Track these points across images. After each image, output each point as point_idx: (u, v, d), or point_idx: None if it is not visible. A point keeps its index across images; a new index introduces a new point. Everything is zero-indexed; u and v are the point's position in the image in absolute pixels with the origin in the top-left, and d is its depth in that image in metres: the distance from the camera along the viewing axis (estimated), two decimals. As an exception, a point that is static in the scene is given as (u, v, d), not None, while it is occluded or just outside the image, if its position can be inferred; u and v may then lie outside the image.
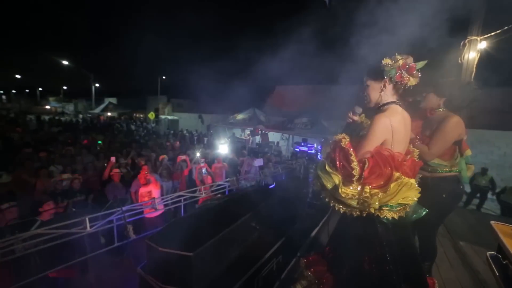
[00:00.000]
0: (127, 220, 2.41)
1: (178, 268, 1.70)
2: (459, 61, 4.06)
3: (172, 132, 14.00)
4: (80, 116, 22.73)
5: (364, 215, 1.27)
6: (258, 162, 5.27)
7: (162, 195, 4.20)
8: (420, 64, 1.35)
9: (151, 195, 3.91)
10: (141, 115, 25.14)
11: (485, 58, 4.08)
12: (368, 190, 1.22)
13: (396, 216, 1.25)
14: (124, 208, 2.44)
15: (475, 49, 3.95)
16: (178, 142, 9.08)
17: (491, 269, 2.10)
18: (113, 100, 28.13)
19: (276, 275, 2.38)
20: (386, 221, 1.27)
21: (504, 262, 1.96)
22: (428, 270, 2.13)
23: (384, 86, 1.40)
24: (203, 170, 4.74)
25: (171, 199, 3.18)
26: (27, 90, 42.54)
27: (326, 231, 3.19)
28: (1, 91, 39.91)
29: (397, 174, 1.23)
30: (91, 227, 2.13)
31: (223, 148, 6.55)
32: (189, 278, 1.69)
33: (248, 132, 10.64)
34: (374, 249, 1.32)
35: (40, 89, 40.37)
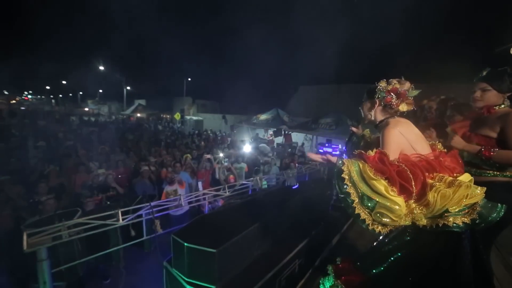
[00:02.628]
0: (155, 215, 2.52)
1: (202, 263, 1.75)
2: None
3: (196, 132, 14.45)
4: (113, 117, 24.46)
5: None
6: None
7: (187, 193, 4.35)
8: (414, 92, 1.35)
9: (176, 193, 4.08)
10: (168, 116, 26.29)
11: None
12: (414, 206, 1.10)
13: (468, 220, 1.11)
14: (152, 204, 2.56)
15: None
16: (202, 142, 9.35)
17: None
18: (142, 101, 29.84)
19: (298, 276, 2.33)
20: (458, 229, 1.13)
21: None
22: None
23: (374, 106, 1.43)
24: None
25: (195, 197, 3.27)
26: (70, 94, 47.16)
27: (353, 237, 3.06)
28: (52, 96, 45.13)
29: (431, 181, 1.10)
30: (123, 220, 2.27)
31: (246, 148, 6.61)
32: (212, 274, 1.73)
33: (271, 133, 10.61)
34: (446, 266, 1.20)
35: (81, 93, 44.48)
